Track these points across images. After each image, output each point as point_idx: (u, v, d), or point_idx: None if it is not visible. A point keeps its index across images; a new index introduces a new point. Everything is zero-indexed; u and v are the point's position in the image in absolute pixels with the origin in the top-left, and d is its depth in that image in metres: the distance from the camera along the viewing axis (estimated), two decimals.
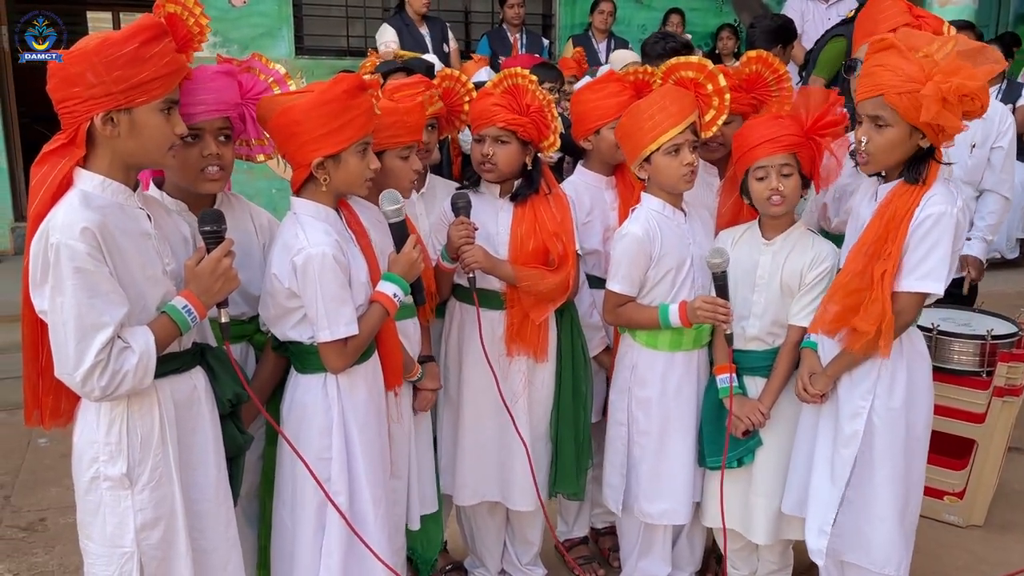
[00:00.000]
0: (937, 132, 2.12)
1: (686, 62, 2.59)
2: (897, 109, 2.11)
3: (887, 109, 2.13)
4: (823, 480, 2.40)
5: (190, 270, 1.87)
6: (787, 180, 2.41)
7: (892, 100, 2.10)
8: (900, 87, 2.08)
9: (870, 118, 2.18)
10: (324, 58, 6.94)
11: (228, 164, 2.10)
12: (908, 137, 2.15)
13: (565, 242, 2.59)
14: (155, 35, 1.77)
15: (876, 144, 2.18)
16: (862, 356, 2.29)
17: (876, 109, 2.15)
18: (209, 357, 2.00)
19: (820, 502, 2.40)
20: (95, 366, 1.69)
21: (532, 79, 2.55)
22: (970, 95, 2.03)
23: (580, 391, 2.75)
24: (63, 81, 1.72)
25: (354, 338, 2.07)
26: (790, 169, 2.41)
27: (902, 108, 2.09)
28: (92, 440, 1.82)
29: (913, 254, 2.19)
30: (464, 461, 2.73)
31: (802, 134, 2.41)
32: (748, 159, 2.46)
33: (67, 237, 1.66)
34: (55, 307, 1.69)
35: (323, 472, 2.09)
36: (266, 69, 2.18)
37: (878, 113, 2.15)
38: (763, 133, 2.42)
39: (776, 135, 2.40)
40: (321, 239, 2.03)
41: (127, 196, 1.82)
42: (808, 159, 2.43)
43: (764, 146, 2.41)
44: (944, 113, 2.04)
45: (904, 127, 2.14)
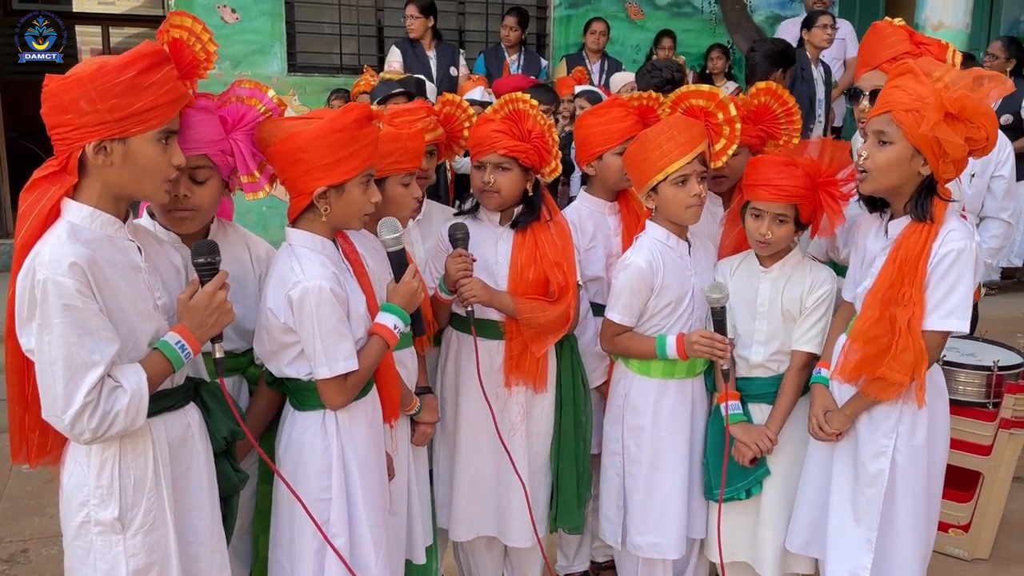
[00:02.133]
0: (938, 156, 2.09)
1: (696, 90, 2.55)
2: (902, 126, 2.09)
3: (892, 125, 2.12)
4: (846, 522, 2.33)
5: (183, 304, 1.80)
6: (778, 227, 2.40)
7: (899, 117, 2.09)
8: (908, 104, 2.08)
9: (875, 134, 2.16)
10: (317, 75, 6.91)
11: (200, 205, 1.99)
12: (909, 158, 2.12)
13: (566, 272, 2.55)
14: (155, 63, 1.70)
15: (875, 161, 2.16)
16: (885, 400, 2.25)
17: (882, 125, 2.14)
18: (203, 393, 1.93)
19: (847, 545, 2.33)
20: (85, 407, 1.62)
21: (533, 104, 2.51)
22: (972, 113, 2.01)
23: (580, 422, 2.70)
24: (56, 107, 1.66)
25: (354, 373, 2.01)
26: (785, 218, 2.40)
27: (907, 124, 2.08)
28: (82, 483, 1.74)
29: (935, 292, 2.15)
30: (461, 495, 2.67)
31: (809, 186, 2.37)
32: (750, 193, 2.45)
33: (55, 273, 1.59)
34: (42, 346, 1.62)
35: (322, 513, 2.02)
36: (257, 94, 2.07)
37: (883, 128, 2.14)
38: (770, 176, 2.39)
39: (782, 183, 2.37)
40: (317, 272, 1.96)
41: (116, 228, 1.75)
42: (809, 209, 2.40)
43: (767, 190, 2.39)
44: (944, 127, 2.02)
45: (906, 147, 2.11)
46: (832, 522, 2.36)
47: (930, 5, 6.20)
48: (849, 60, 6.29)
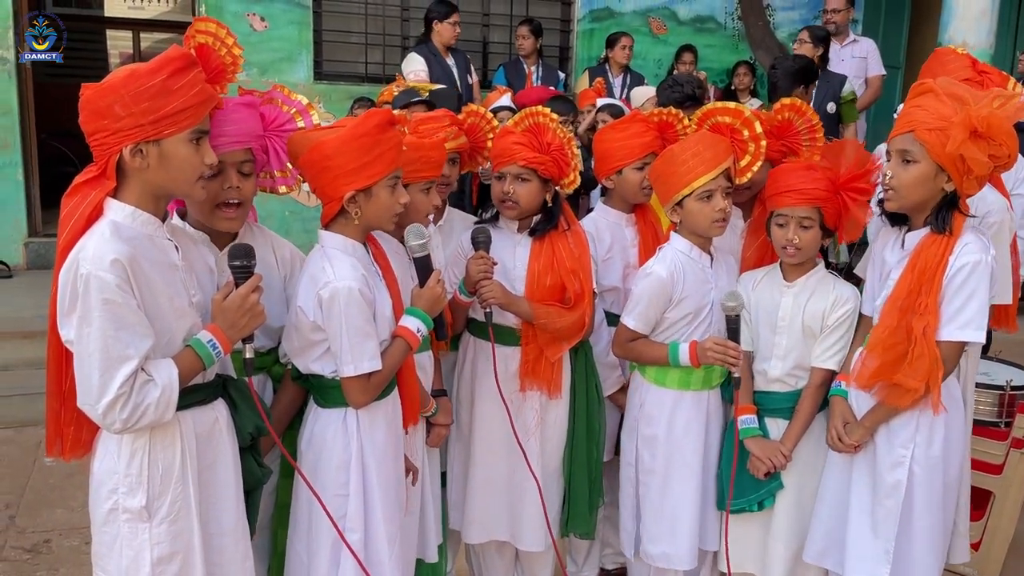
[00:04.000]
0: (962, 173, 2.14)
1: (723, 107, 2.60)
2: (926, 144, 2.14)
3: (916, 145, 2.16)
4: (863, 532, 2.36)
5: (217, 304, 1.87)
6: (805, 232, 2.43)
7: (922, 136, 2.14)
8: (931, 123, 2.12)
9: (899, 153, 2.21)
10: (342, 84, 6.97)
11: (248, 197, 2.10)
12: (933, 176, 2.17)
13: (582, 279, 2.60)
14: (183, 66, 1.77)
15: (901, 180, 2.21)
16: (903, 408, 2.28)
17: (905, 144, 2.19)
18: (231, 389, 1.99)
19: (864, 556, 2.36)
20: (117, 398, 1.68)
21: (553, 117, 2.57)
22: (997, 131, 2.06)
23: (594, 428, 2.73)
24: (93, 114, 1.73)
25: (377, 373, 2.07)
26: (810, 222, 2.42)
27: (930, 143, 2.13)
28: (112, 471, 1.81)
29: (951, 303, 2.19)
30: (474, 498, 2.71)
31: (831, 188, 2.41)
32: (773, 203, 2.48)
33: (97, 268, 1.66)
34: (82, 337, 1.68)
35: (339, 508, 2.08)
36: (288, 100, 2.18)
37: (906, 148, 2.18)
38: (791, 182, 2.43)
39: (803, 186, 2.41)
40: (348, 273, 2.03)
41: (156, 227, 1.82)
42: (833, 213, 2.44)
43: (789, 195, 2.43)
44: (969, 145, 2.07)
45: (930, 165, 2.16)
46: (851, 533, 2.38)
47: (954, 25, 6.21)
48: (871, 78, 6.29)
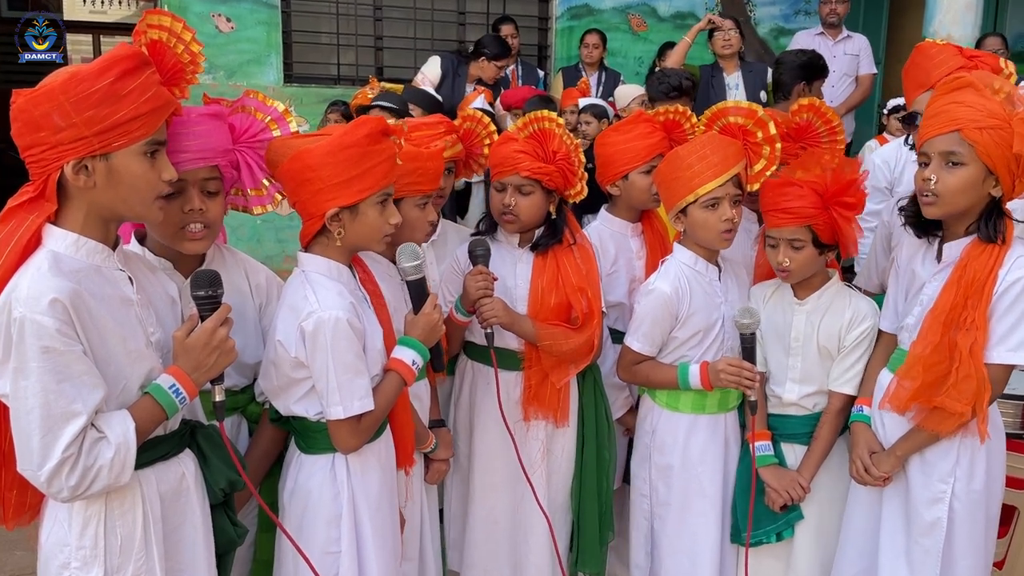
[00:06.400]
0: (1015, 176, 1.96)
1: (735, 106, 2.38)
2: (976, 145, 1.94)
3: (964, 145, 1.96)
4: (902, 568, 2.16)
5: (180, 342, 1.61)
6: (796, 253, 2.23)
7: (971, 135, 1.94)
8: (981, 122, 1.93)
9: (942, 155, 2.00)
10: (314, 86, 6.77)
11: (214, 220, 1.84)
12: (982, 180, 1.98)
13: (590, 298, 2.39)
14: (133, 67, 1.52)
15: (947, 184, 2.00)
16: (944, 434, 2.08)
17: (951, 145, 1.98)
18: (199, 438, 1.74)
19: None
20: (63, 462, 1.43)
21: (560, 123, 2.35)
22: None
23: (604, 459, 2.54)
24: (27, 125, 1.47)
25: (369, 414, 1.83)
26: (801, 243, 2.22)
27: (983, 143, 1.93)
28: (63, 543, 1.56)
29: (1002, 321, 1.99)
30: (474, 537, 2.52)
31: (819, 204, 2.19)
32: (765, 221, 2.30)
33: (33, 310, 1.41)
34: (18, 392, 1.43)
35: (330, 568, 1.85)
36: (263, 107, 1.95)
37: (953, 149, 1.98)
38: (776, 200, 2.23)
39: (788, 205, 2.20)
40: (334, 301, 1.79)
41: (105, 256, 1.57)
42: (828, 229, 2.21)
43: (775, 215, 2.23)
44: None
45: (979, 167, 1.97)
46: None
47: (939, 18, 6.10)
48: (861, 77, 6.16)
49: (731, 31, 5.33)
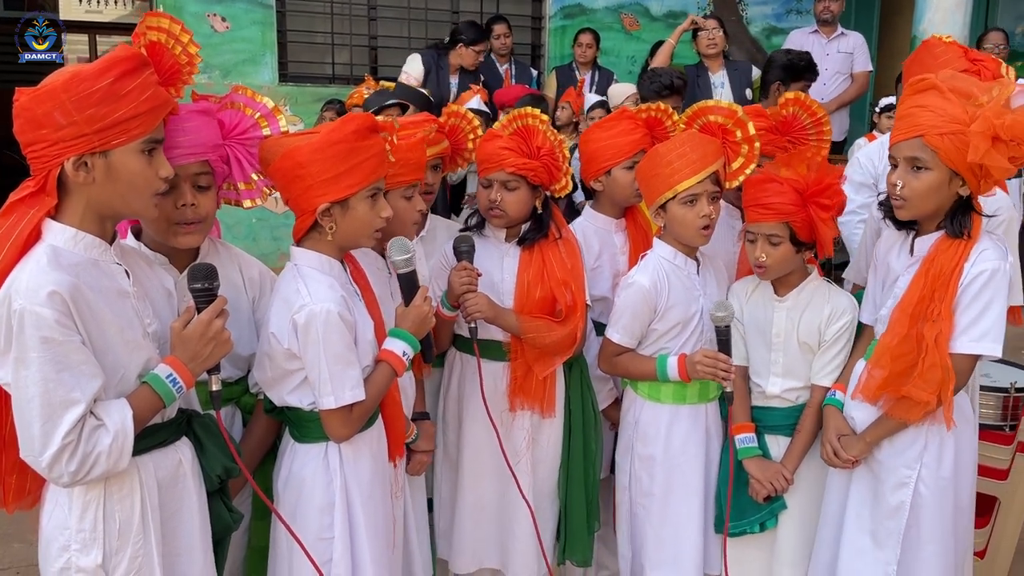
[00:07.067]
0: (979, 178, 2.01)
1: (715, 105, 2.44)
2: (938, 151, 1.99)
3: (927, 151, 2.01)
4: (861, 550, 2.22)
5: (177, 333, 1.67)
6: (774, 249, 2.29)
7: (933, 141, 1.99)
8: (942, 127, 1.97)
9: (907, 160, 2.06)
10: (309, 85, 6.80)
11: (206, 214, 1.89)
12: (947, 182, 2.04)
13: (575, 291, 2.44)
14: (132, 68, 1.57)
15: (913, 189, 2.06)
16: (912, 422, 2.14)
17: (914, 151, 2.04)
18: (196, 426, 1.80)
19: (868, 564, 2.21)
20: (63, 449, 1.49)
21: (544, 119, 2.41)
22: (1021, 135, 1.92)
23: (590, 449, 2.59)
24: (29, 122, 1.53)
25: (360, 404, 1.88)
26: (778, 239, 2.28)
27: (943, 149, 1.98)
28: (63, 526, 1.61)
29: (966, 313, 2.05)
30: (463, 525, 2.57)
31: (798, 202, 2.25)
32: (745, 216, 2.36)
33: (32, 303, 1.46)
34: (19, 381, 1.48)
35: (323, 554, 1.89)
36: (252, 103, 1.99)
37: (916, 155, 2.03)
38: (757, 196, 2.29)
39: (768, 201, 2.26)
40: (325, 294, 1.84)
41: (103, 251, 1.62)
42: (805, 227, 2.27)
43: (755, 211, 2.29)
44: (993, 153, 1.93)
45: (944, 171, 2.02)
46: (845, 551, 2.25)
47: (928, 17, 6.13)
48: (857, 74, 6.19)
49: (715, 31, 5.37)
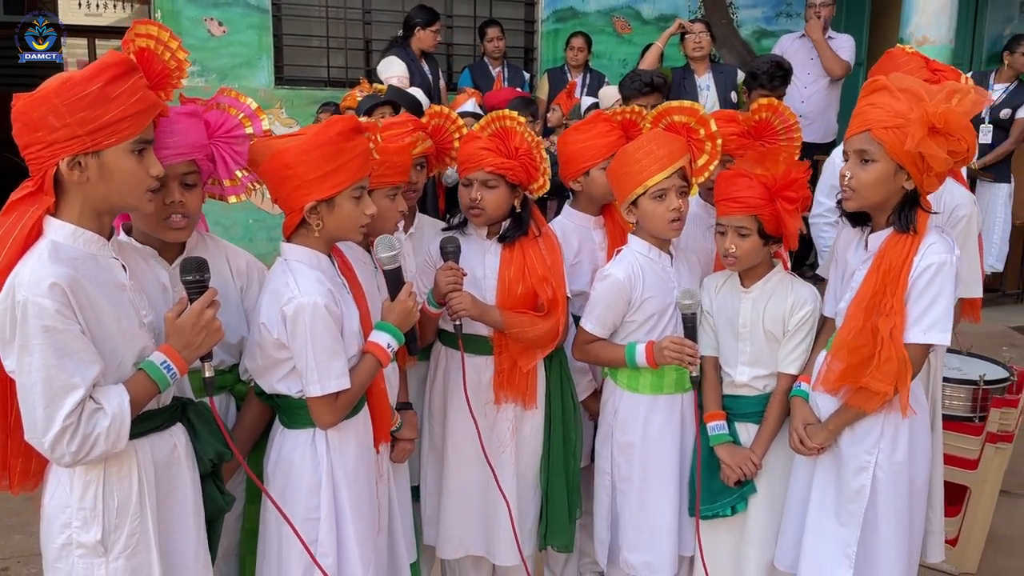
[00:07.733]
0: (922, 171, 2.10)
1: (678, 106, 2.55)
2: (883, 143, 2.10)
3: (873, 144, 2.12)
4: (824, 531, 2.32)
5: (170, 323, 1.78)
6: (742, 241, 2.39)
7: (878, 135, 2.10)
8: (887, 121, 2.08)
9: (856, 153, 2.17)
10: (305, 88, 6.87)
11: (193, 211, 1.99)
12: (893, 175, 2.14)
13: (555, 286, 2.54)
14: (121, 72, 1.67)
15: (860, 180, 2.17)
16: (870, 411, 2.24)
17: (863, 144, 2.15)
18: (190, 413, 1.90)
19: (822, 557, 2.32)
20: (64, 430, 1.59)
21: (521, 121, 2.51)
22: (956, 127, 2.02)
23: (570, 438, 2.68)
24: (25, 126, 1.63)
25: (345, 392, 1.99)
26: (747, 231, 2.38)
27: (888, 142, 2.09)
28: (64, 504, 1.71)
29: (916, 305, 2.15)
30: (448, 513, 2.65)
31: (767, 196, 2.36)
32: (716, 209, 2.46)
33: (34, 294, 1.57)
34: (23, 367, 1.59)
35: (310, 533, 1.99)
36: (236, 103, 2.08)
37: (863, 147, 2.14)
38: (727, 190, 2.40)
39: (738, 195, 2.37)
40: (313, 288, 1.94)
41: (100, 246, 1.72)
42: (773, 220, 2.38)
43: (725, 204, 2.40)
44: (928, 142, 2.03)
45: (889, 164, 2.12)
46: (809, 533, 2.35)
47: (915, 21, 6.23)
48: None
49: (702, 34, 5.47)
